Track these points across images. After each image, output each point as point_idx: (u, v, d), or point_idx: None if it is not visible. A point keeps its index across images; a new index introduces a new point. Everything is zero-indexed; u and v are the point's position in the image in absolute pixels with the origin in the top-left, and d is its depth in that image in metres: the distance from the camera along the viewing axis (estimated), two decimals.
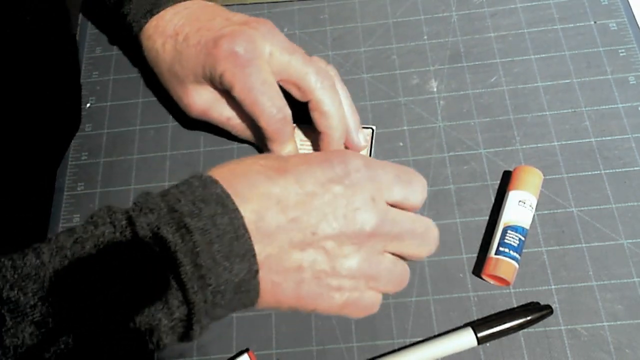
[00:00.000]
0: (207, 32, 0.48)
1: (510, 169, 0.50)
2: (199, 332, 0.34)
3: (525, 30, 0.57)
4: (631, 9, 0.56)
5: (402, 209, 0.39)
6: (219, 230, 0.33)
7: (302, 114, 0.49)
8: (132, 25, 0.52)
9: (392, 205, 0.38)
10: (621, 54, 0.54)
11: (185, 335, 0.34)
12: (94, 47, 0.61)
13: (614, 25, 0.56)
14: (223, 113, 0.51)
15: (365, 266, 0.37)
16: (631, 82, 0.53)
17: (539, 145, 0.51)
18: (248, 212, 0.34)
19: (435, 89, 0.55)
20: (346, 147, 0.50)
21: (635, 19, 0.56)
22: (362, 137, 0.51)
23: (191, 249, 0.32)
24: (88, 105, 0.57)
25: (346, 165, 0.37)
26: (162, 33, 0.51)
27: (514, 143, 0.52)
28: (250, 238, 0.33)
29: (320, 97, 0.47)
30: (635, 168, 0.50)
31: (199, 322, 0.33)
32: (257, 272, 0.34)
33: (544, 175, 0.49)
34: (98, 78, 0.59)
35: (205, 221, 0.33)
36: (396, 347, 0.45)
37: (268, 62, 0.47)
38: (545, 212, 0.49)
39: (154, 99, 0.57)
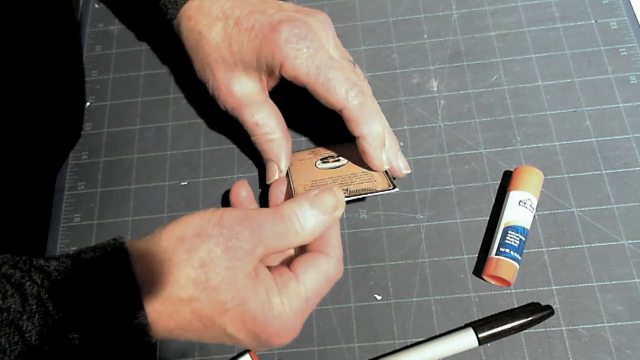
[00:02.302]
0: (260, 16, 0.46)
1: (511, 169, 0.50)
2: None
3: (526, 29, 0.57)
4: (632, 7, 0.56)
5: None
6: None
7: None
8: (168, 6, 0.50)
9: None
10: (622, 53, 0.54)
11: None
12: (93, 45, 0.60)
13: (615, 24, 0.56)
14: (255, 115, 0.48)
15: None
16: (632, 82, 0.53)
17: (539, 145, 0.51)
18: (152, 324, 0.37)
19: (435, 88, 0.55)
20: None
21: (636, 17, 0.56)
22: (403, 165, 0.49)
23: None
24: (88, 104, 0.57)
25: (263, 333, 0.38)
26: (207, 14, 0.48)
27: (515, 143, 0.52)
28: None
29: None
30: (636, 168, 0.50)
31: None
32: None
33: (544, 175, 0.49)
34: (98, 77, 0.58)
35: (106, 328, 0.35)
36: (397, 348, 0.46)
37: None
38: (546, 212, 0.49)
39: (154, 98, 0.57)
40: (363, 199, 0.51)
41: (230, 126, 0.55)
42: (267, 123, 0.48)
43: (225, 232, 0.37)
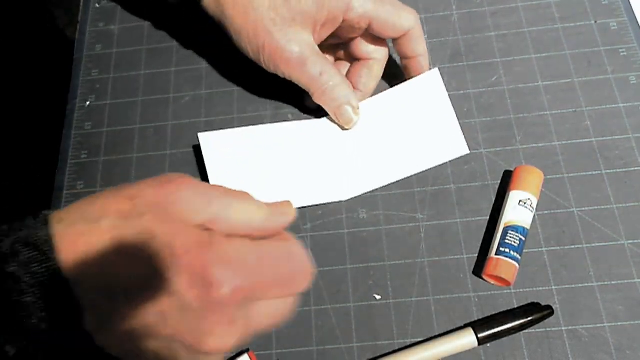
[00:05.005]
0: None
1: (511, 169, 0.50)
2: None
3: (526, 30, 0.57)
4: (632, 8, 0.56)
5: None
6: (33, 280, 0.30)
7: None
8: None
9: None
10: (622, 54, 0.54)
11: None
12: (93, 45, 0.60)
13: (615, 24, 0.56)
14: (316, 66, 0.49)
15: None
16: (632, 82, 0.53)
17: (539, 145, 0.51)
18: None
19: None
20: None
21: (636, 18, 0.56)
22: None
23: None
24: (87, 103, 0.57)
25: (210, 294, 0.30)
26: None
27: (515, 143, 0.51)
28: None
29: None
30: (636, 168, 0.50)
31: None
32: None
33: (544, 175, 0.49)
34: (98, 76, 0.58)
35: (19, 267, 0.30)
36: (397, 348, 0.45)
37: None
38: (546, 212, 0.49)
39: (154, 97, 0.57)
40: None
41: (229, 126, 0.55)
42: (328, 71, 0.49)
43: (162, 178, 0.34)
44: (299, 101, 0.55)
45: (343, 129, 0.52)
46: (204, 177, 0.52)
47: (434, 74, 0.52)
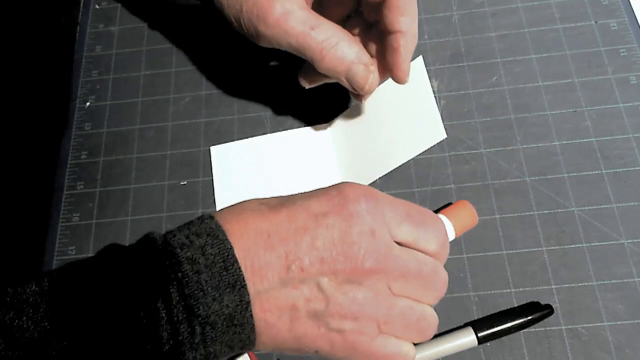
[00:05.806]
0: None
1: (511, 169, 0.50)
2: None
3: (526, 30, 0.57)
4: (632, 8, 0.56)
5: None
6: (207, 260, 0.32)
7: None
8: None
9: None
10: (622, 54, 0.54)
11: None
12: (93, 45, 0.60)
13: (615, 24, 0.56)
14: (306, 24, 0.42)
15: (367, 306, 0.34)
16: (632, 82, 0.53)
17: (539, 144, 0.51)
18: (238, 249, 0.33)
19: (436, 89, 0.55)
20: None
21: (636, 18, 0.56)
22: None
23: (179, 279, 0.31)
24: (87, 104, 0.57)
25: (344, 196, 0.35)
26: None
27: (515, 143, 0.51)
28: (240, 268, 0.32)
29: None
30: (636, 168, 0.49)
31: (184, 357, 0.31)
32: (248, 303, 0.32)
33: (544, 175, 0.49)
34: (98, 77, 0.59)
35: (194, 252, 0.32)
36: None
37: None
38: (546, 211, 0.49)
39: (154, 98, 0.57)
40: None
41: (229, 127, 0.55)
42: (322, 26, 0.43)
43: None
44: (299, 102, 0.55)
45: (353, 122, 0.52)
46: (204, 178, 0.52)
47: (419, 62, 0.49)
